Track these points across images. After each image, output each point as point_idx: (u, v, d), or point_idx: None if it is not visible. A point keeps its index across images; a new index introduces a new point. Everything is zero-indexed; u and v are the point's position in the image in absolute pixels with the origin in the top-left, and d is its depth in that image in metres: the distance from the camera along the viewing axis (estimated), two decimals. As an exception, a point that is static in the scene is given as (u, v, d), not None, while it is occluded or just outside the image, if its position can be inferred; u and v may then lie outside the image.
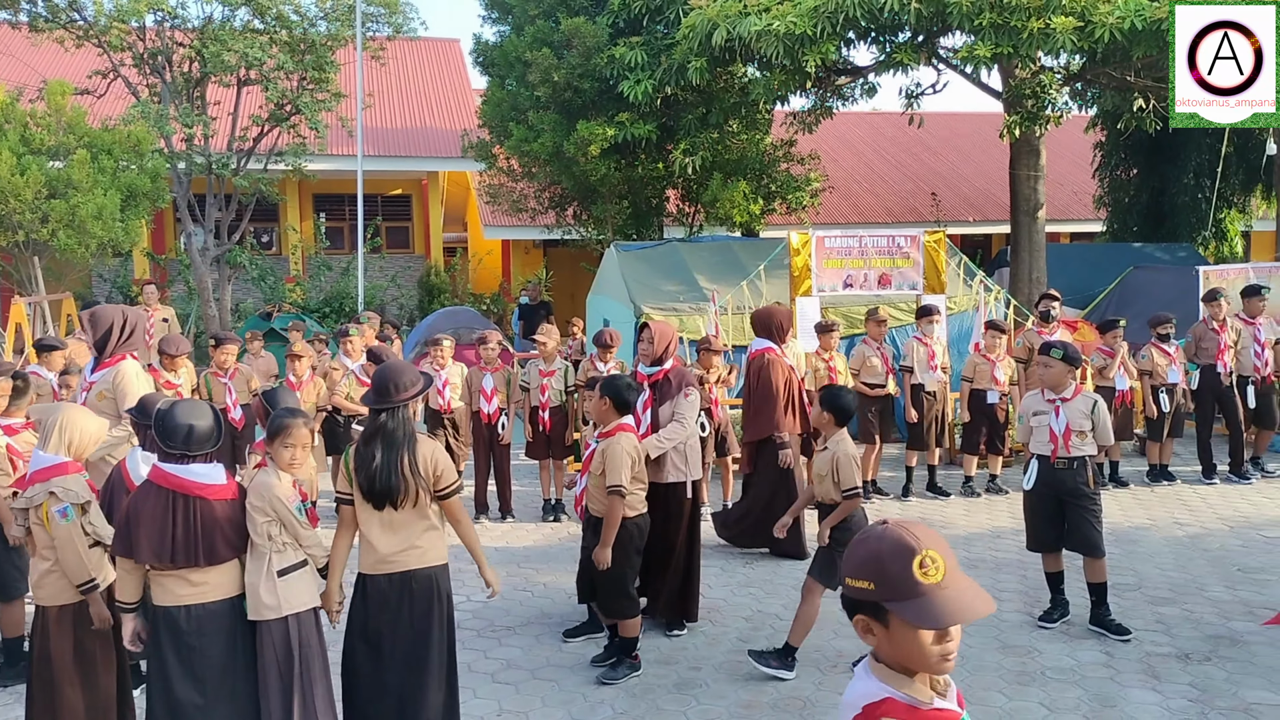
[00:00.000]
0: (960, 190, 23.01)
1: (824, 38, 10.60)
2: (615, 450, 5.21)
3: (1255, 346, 9.83)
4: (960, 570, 1.96)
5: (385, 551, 4.17)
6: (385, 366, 4.38)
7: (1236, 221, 19.02)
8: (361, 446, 4.20)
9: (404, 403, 4.21)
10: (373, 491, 4.12)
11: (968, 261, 12.04)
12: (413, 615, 4.19)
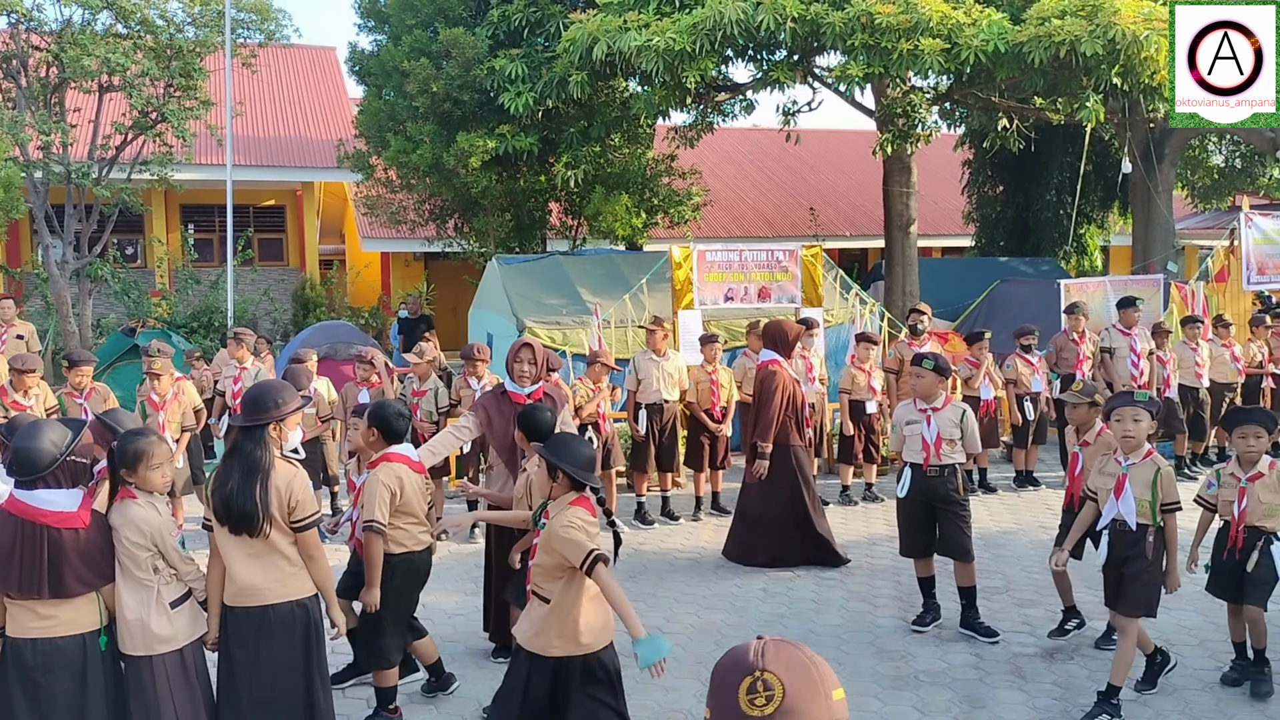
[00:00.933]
0: (838, 205, 23.59)
1: (703, 55, 10.71)
2: (373, 483, 4.63)
3: (1132, 356, 10.29)
4: (830, 702, 1.55)
5: (244, 582, 3.94)
6: (256, 384, 4.20)
7: (1096, 237, 19.99)
8: (221, 468, 4.02)
9: (268, 423, 4.02)
10: (228, 516, 3.93)
11: (844, 275, 12.32)
12: (271, 652, 3.95)
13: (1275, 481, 5.18)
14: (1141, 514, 5.02)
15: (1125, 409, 5.12)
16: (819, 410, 9.56)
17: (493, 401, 5.80)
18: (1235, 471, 5.32)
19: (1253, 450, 5.25)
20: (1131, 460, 5.09)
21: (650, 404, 8.82)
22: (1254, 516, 5.20)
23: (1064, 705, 5.16)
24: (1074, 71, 10.43)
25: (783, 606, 6.75)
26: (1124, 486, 5.07)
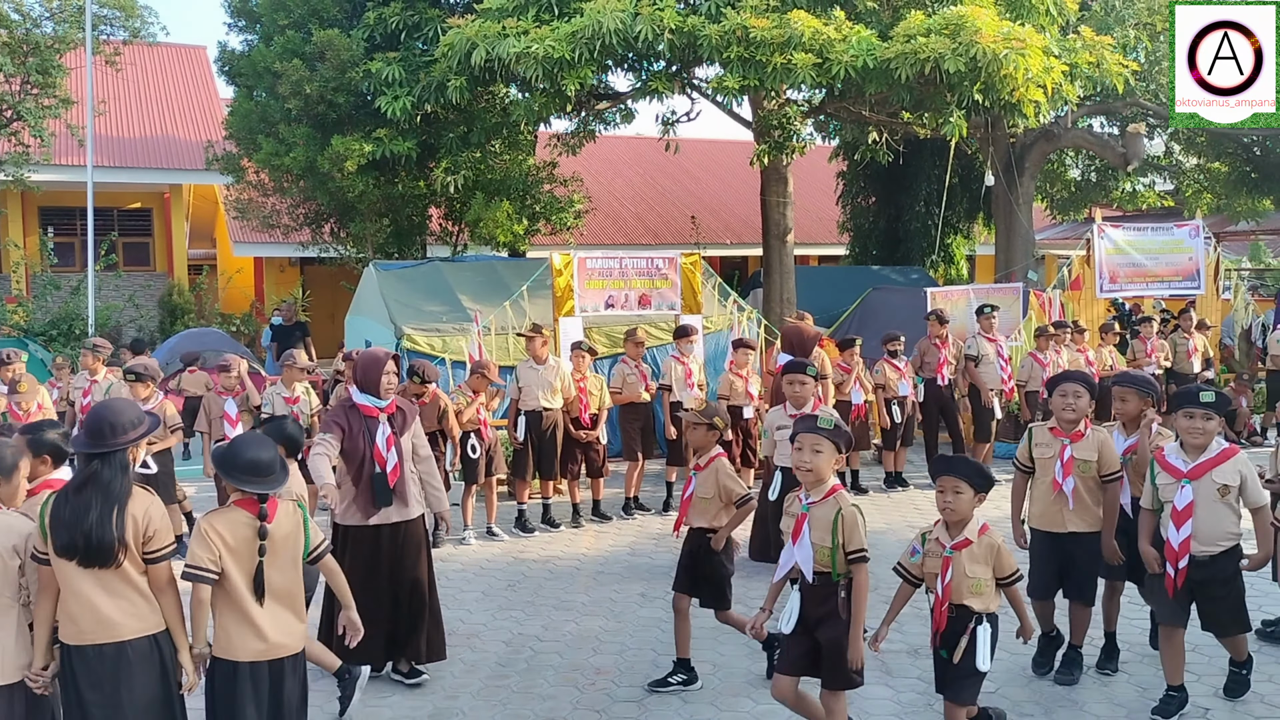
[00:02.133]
0: (719, 214, 23.97)
1: (583, 63, 10.77)
2: None
3: (1000, 361, 10.73)
4: None
5: (97, 617, 3.63)
6: (101, 405, 3.89)
7: (962, 246, 20.81)
8: (71, 496, 3.64)
9: (123, 447, 3.71)
10: (85, 549, 3.58)
11: (722, 283, 12.53)
12: (131, 693, 3.67)
13: (984, 551, 4.20)
14: (821, 562, 4.24)
15: (805, 435, 4.37)
16: (697, 416, 9.68)
17: (343, 415, 5.52)
18: (941, 537, 4.36)
19: (950, 507, 4.28)
20: (811, 498, 4.33)
21: (530, 411, 8.81)
22: (959, 593, 4.21)
23: (927, 699, 5.35)
24: (938, 87, 10.85)
25: (661, 611, 6.82)
26: (801, 530, 4.29)
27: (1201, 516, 4.73)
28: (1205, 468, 4.75)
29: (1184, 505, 4.76)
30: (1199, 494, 4.73)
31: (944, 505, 4.33)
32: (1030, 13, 11.51)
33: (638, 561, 8.01)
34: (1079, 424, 5.25)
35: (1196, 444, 4.76)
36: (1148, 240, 13.39)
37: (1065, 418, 5.27)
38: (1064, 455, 5.25)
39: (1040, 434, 5.40)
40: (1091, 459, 5.19)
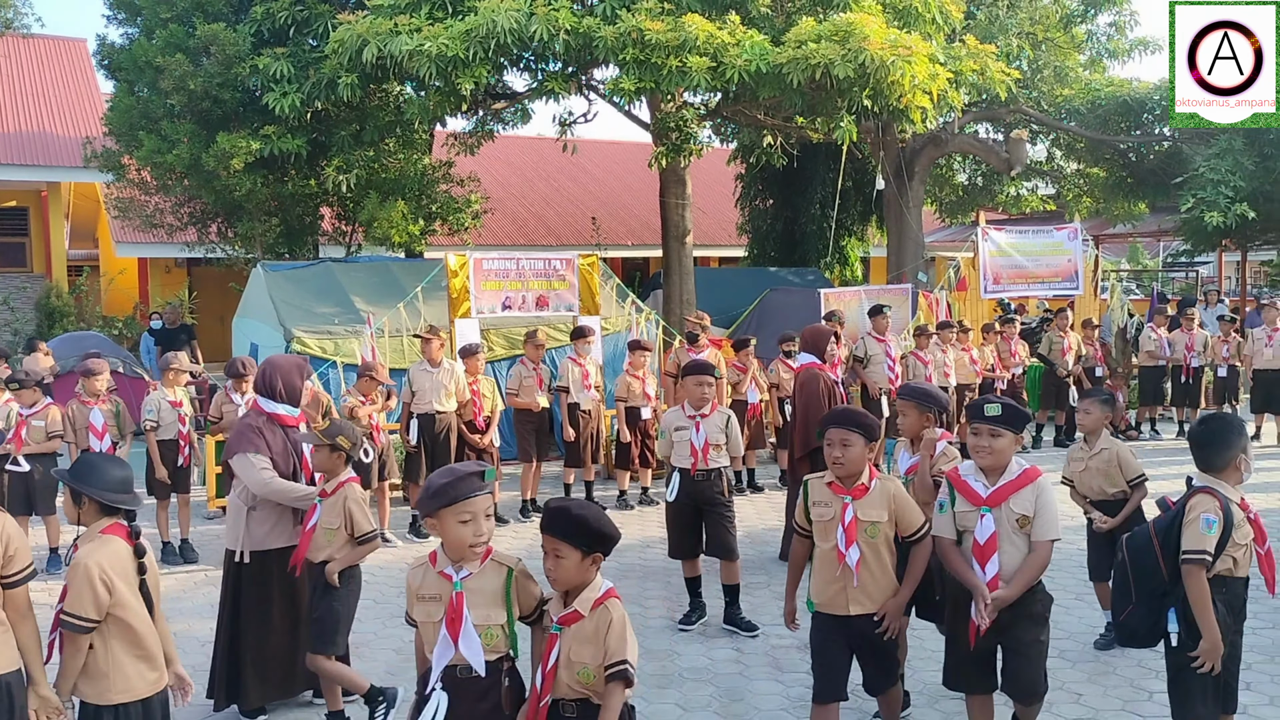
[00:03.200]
0: (620, 215, 24.02)
1: (477, 62, 10.66)
2: None
3: (888, 361, 10.97)
4: None
5: None
6: None
7: (856, 248, 21.27)
8: None
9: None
10: None
11: (620, 283, 12.55)
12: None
13: (592, 631, 3.20)
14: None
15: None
16: (595, 417, 9.70)
17: (261, 429, 5.13)
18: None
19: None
20: (468, 571, 3.31)
21: (423, 414, 8.68)
22: (560, 687, 3.20)
23: (815, 692, 5.45)
24: (829, 93, 11.06)
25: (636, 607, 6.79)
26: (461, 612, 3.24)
27: (1007, 550, 4.03)
28: (1004, 493, 4.04)
29: (986, 537, 4.04)
30: (1001, 524, 4.03)
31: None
32: (917, 21, 11.81)
33: (534, 565, 7.91)
34: (859, 477, 4.19)
35: (986, 464, 4.07)
36: (1029, 242, 13.87)
37: (836, 473, 4.19)
38: (845, 516, 4.15)
39: (817, 489, 4.28)
40: (880, 519, 4.14)
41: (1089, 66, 17.49)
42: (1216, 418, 4.13)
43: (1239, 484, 3.94)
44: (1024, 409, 4.08)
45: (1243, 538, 3.86)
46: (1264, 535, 3.96)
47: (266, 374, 5.22)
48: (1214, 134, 15.68)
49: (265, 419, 5.16)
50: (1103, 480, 5.86)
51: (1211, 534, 3.78)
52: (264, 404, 5.20)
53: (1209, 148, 15.46)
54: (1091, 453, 5.90)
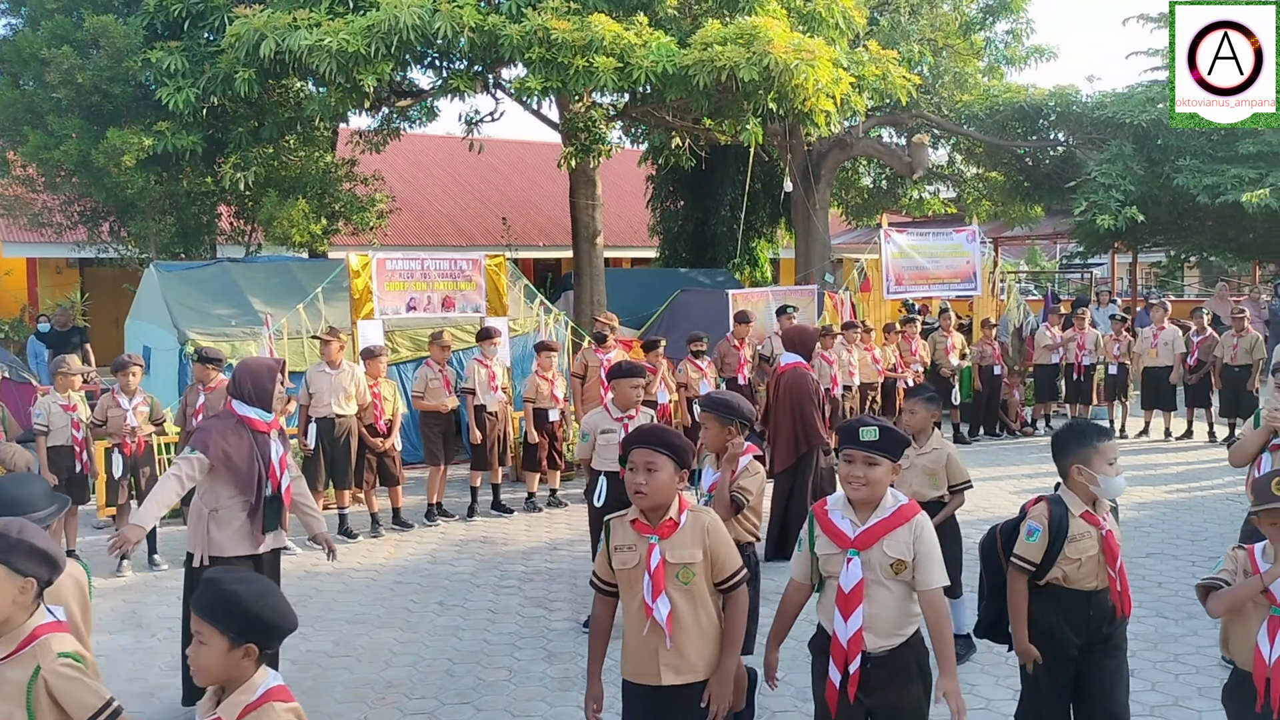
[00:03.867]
0: (530, 215, 23.87)
1: (379, 58, 10.48)
2: None
3: (791, 360, 11.07)
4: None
5: None
6: None
7: (766, 250, 21.50)
8: None
9: None
10: None
11: (529, 284, 12.47)
12: None
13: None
14: None
15: None
16: (502, 419, 9.60)
17: (224, 432, 4.87)
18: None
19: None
20: None
21: (322, 418, 8.49)
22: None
23: (718, 690, 5.47)
24: (735, 95, 11.15)
25: (458, 619, 6.70)
26: None
27: (876, 600, 3.35)
28: (876, 533, 3.37)
29: (852, 585, 3.35)
30: (870, 569, 3.35)
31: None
32: (820, 26, 11.99)
33: (438, 570, 7.85)
34: (666, 510, 3.36)
35: (858, 497, 3.41)
36: (929, 244, 14.20)
37: (639, 504, 3.38)
38: (650, 560, 3.34)
39: (620, 531, 3.44)
40: (694, 559, 3.34)
41: (988, 73, 17.98)
42: (1066, 425, 4.02)
43: (1091, 494, 3.76)
44: (903, 434, 3.53)
45: (1078, 551, 3.73)
46: (1113, 554, 3.78)
47: (238, 376, 5.02)
48: (1106, 139, 16.26)
49: (235, 422, 4.94)
50: (924, 481, 5.45)
51: (1032, 542, 3.74)
52: (236, 406, 4.98)
53: (1101, 153, 16.01)
54: (919, 452, 5.48)
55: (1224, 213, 15.86)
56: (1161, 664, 5.64)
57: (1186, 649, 5.84)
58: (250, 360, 5.25)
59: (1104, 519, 3.78)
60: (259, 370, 5.04)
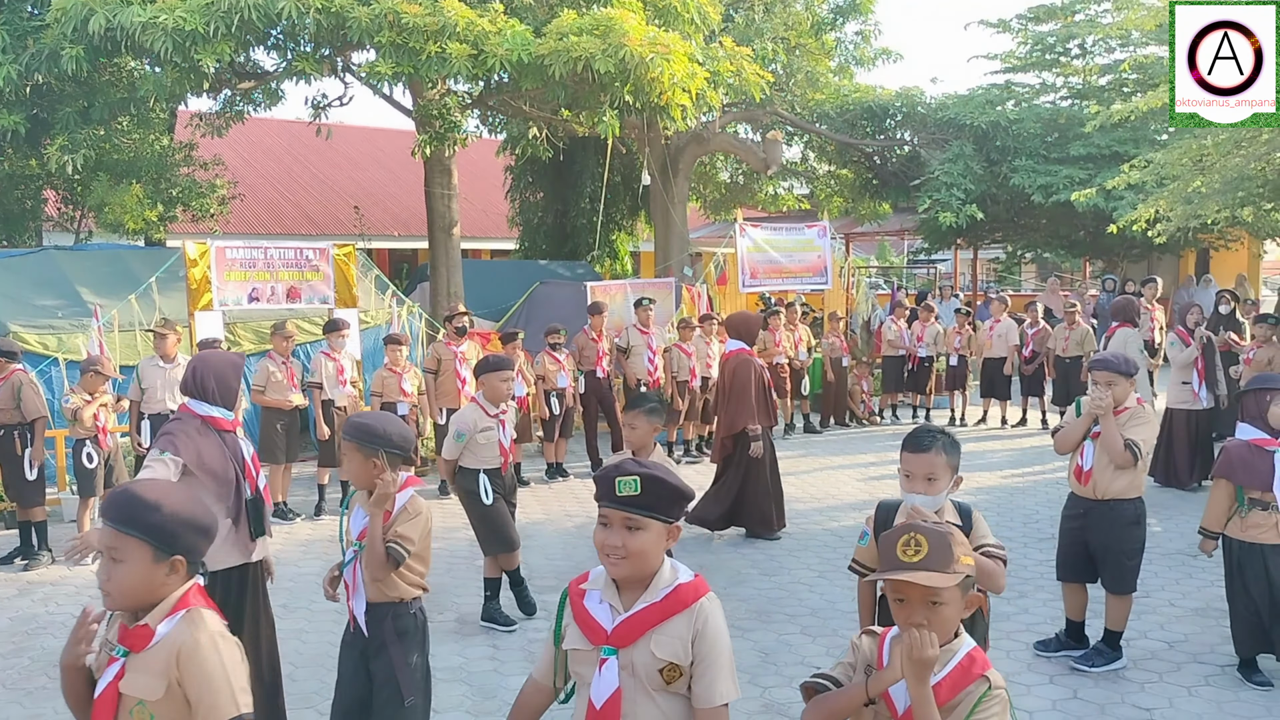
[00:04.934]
0: (385, 205, 23.31)
1: (219, 38, 9.99)
2: None
3: (648, 353, 11.13)
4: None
5: None
6: None
7: (626, 242, 21.57)
8: None
9: None
10: None
11: (380, 274, 12.15)
12: None
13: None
14: None
15: None
16: (351, 413, 9.32)
17: (194, 435, 4.40)
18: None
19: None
20: None
21: (155, 414, 8.07)
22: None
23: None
24: (591, 86, 11.10)
25: (303, 621, 6.48)
26: None
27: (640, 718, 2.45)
28: (640, 624, 2.44)
29: (605, 699, 2.44)
30: (634, 674, 2.45)
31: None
32: (676, 20, 12.06)
33: (282, 571, 7.47)
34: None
35: (618, 574, 2.47)
36: (783, 239, 14.50)
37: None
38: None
39: None
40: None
41: (838, 73, 18.48)
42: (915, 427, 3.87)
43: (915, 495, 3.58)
44: (678, 485, 2.47)
45: None
46: None
47: (197, 373, 4.54)
48: (948, 139, 16.96)
49: (200, 423, 4.47)
50: None
51: (863, 545, 3.75)
52: (195, 406, 4.52)
53: (943, 153, 16.68)
54: None
55: (1057, 211, 16.78)
56: (995, 641, 5.89)
57: (1017, 626, 6.13)
58: (209, 355, 4.78)
59: (932, 517, 3.40)
60: (222, 366, 4.60)
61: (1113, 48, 18.62)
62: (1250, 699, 5.06)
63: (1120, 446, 5.19)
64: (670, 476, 2.46)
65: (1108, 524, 5.35)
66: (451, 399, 9.57)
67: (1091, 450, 5.35)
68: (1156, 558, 7.44)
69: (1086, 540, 5.44)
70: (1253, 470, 5.16)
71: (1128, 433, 5.22)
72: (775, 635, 6.07)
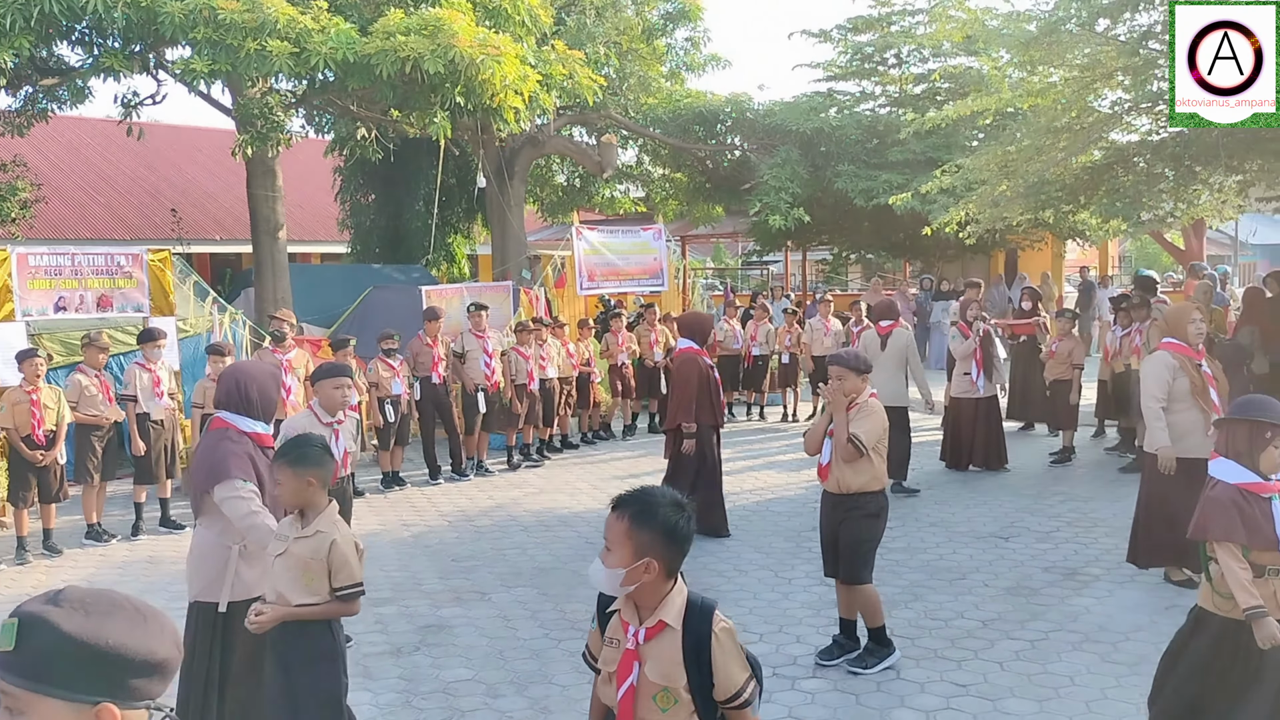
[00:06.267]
0: (206, 207, 22.27)
1: (17, 31, 9.33)
2: None
3: (485, 358, 11.00)
4: None
5: None
6: None
7: (463, 246, 21.29)
8: None
9: None
10: None
11: (200, 281, 11.61)
12: None
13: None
14: None
15: None
16: (169, 427, 8.88)
17: (247, 455, 4.22)
18: None
19: None
20: None
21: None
22: None
23: (407, 697, 5.35)
24: (421, 87, 10.91)
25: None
26: None
27: None
28: None
29: None
30: None
31: None
32: (506, 22, 11.99)
33: (96, 595, 7.12)
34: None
35: None
36: (619, 242, 14.64)
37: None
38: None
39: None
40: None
41: (670, 78, 18.78)
42: None
43: None
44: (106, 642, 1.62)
45: None
46: None
47: (240, 384, 4.27)
48: (776, 145, 17.48)
49: (250, 441, 4.22)
50: (293, 579, 3.85)
51: (593, 627, 3.54)
52: (238, 421, 4.24)
53: (771, 157, 17.19)
54: (299, 534, 3.87)
55: (877, 214, 17.52)
56: (788, 646, 6.12)
57: (845, 613, 6.38)
58: (246, 365, 4.53)
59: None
60: (263, 378, 4.37)
61: (926, 58, 19.59)
62: (1056, 671, 5.42)
63: (845, 440, 5.26)
64: (91, 623, 1.56)
65: (850, 517, 5.41)
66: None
67: (830, 446, 5.42)
68: (970, 540, 7.91)
69: (835, 536, 5.50)
70: (1255, 525, 3.88)
71: (854, 427, 5.27)
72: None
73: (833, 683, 5.33)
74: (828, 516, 5.56)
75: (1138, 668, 5.34)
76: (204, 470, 4.20)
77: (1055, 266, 23.03)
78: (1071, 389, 10.66)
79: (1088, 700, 5.03)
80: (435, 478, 10.66)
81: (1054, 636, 5.87)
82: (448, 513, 9.43)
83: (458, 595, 6.97)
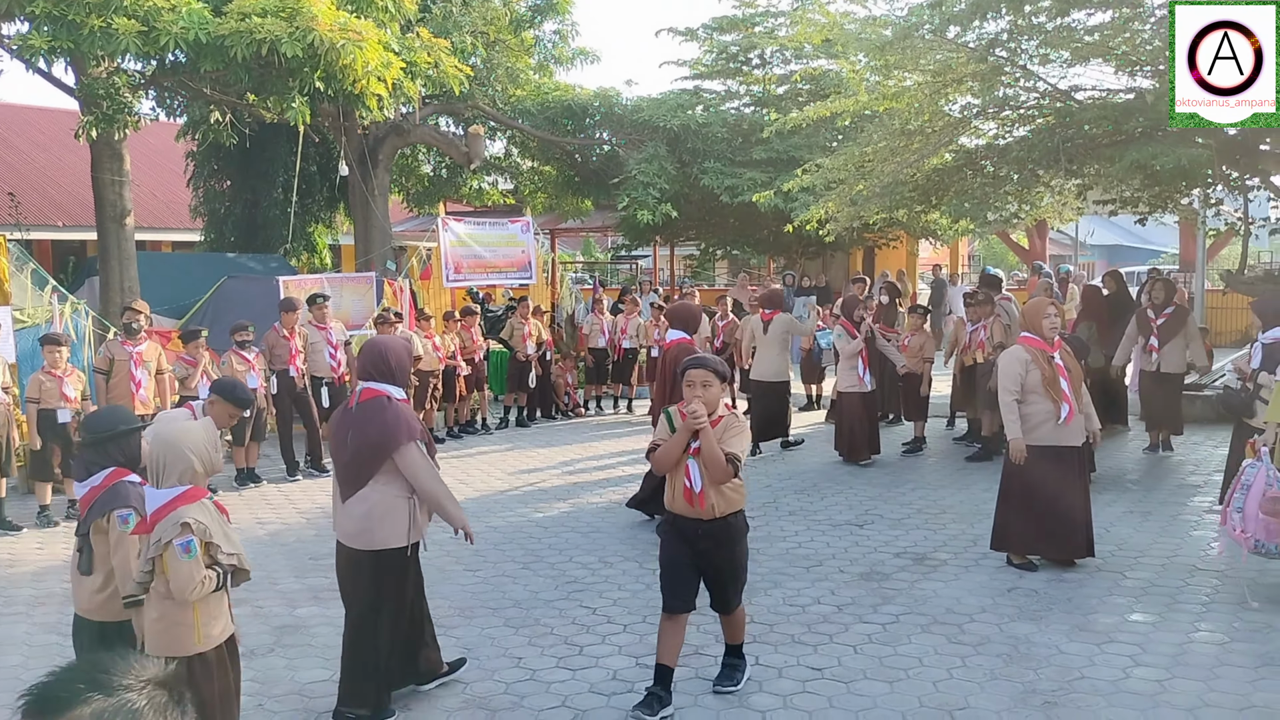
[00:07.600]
0: (47, 192, 21.03)
1: None
2: None
3: (329, 349, 10.76)
4: None
5: None
6: None
7: (324, 235, 20.69)
8: None
9: None
10: None
11: (39, 268, 10.98)
12: None
13: None
14: None
15: None
16: (3, 422, 8.37)
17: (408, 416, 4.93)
18: None
19: None
20: None
21: None
22: None
23: (258, 700, 5.19)
24: (279, 71, 10.57)
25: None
26: None
27: None
28: None
29: None
30: None
31: None
32: (369, 7, 11.70)
33: (-83, 604, 6.67)
34: None
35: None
36: (486, 234, 14.50)
37: None
38: None
39: None
40: None
41: (538, 70, 18.67)
42: None
43: None
44: None
45: None
46: None
47: (378, 354, 4.86)
48: (644, 140, 17.59)
49: (400, 404, 4.87)
50: None
51: None
52: (388, 389, 4.84)
53: (639, 153, 17.29)
54: None
55: (742, 211, 17.85)
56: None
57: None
58: (382, 338, 5.07)
59: None
60: (397, 347, 4.95)
61: (789, 59, 20.02)
62: (906, 653, 5.65)
63: (723, 461, 4.62)
64: None
65: (726, 543, 4.85)
66: (125, 403, 8.81)
67: (697, 468, 4.73)
68: (828, 528, 8.16)
69: (702, 566, 4.87)
70: None
71: (726, 445, 4.67)
72: (479, 630, 6.09)
73: (694, 670, 5.42)
74: (691, 546, 4.82)
75: (981, 648, 5.62)
76: (378, 436, 4.74)
77: (910, 264, 23.93)
78: (922, 381, 11.11)
79: (935, 680, 5.26)
80: (293, 474, 10.37)
81: (904, 620, 6.11)
82: (305, 510, 9.18)
83: (315, 594, 6.79)
